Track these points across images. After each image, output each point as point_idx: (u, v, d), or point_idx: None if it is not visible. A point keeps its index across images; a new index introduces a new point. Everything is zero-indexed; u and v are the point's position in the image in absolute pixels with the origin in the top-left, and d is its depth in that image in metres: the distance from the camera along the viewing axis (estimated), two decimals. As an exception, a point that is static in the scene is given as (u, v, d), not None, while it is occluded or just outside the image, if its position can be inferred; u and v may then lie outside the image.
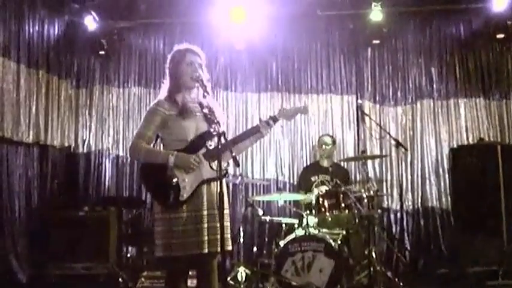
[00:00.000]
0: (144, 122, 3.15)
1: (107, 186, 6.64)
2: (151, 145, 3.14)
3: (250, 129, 3.23)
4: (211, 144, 3.10)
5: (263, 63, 6.81)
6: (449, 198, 6.36)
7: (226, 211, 3.14)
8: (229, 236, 3.11)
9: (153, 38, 6.91)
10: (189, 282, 3.59)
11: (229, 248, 3.08)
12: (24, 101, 5.84)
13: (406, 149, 5.91)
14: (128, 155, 6.49)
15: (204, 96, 3.09)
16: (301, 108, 3.36)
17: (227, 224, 3.13)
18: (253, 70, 6.81)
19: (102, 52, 6.62)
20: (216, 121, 2.89)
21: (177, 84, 3.18)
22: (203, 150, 3.08)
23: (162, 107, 3.11)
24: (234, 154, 2.88)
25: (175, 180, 3.00)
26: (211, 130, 3.02)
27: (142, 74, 6.86)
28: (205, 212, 3.03)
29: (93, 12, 6.36)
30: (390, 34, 6.65)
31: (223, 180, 3.13)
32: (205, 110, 3.04)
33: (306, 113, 3.34)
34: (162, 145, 3.20)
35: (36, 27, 6.12)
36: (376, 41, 6.58)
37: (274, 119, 3.21)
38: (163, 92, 3.22)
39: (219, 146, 2.87)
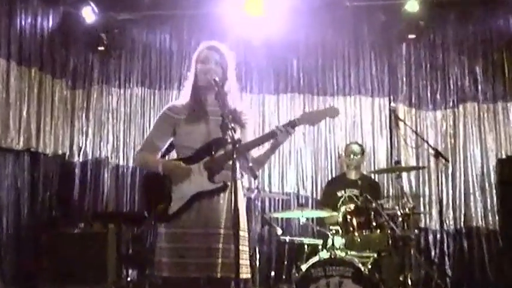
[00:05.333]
0: (152, 128, 3.28)
1: (105, 200, 6.66)
2: (159, 154, 3.21)
3: (265, 135, 3.14)
4: (223, 152, 3.06)
5: (283, 61, 6.81)
6: (496, 217, 6.29)
7: (244, 233, 3.09)
8: (247, 262, 3.08)
9: (159, 32, 6.95)
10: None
11: (247, 276, 3.05)
12: (14, 102, 5.90)
13: (446, 160, 5.83)
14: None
15: (217, 98, 3.05)
16: (329, 109, 3.17)
17: (245, 248, 3.08)
18: (271, 69, 6.82)
19: (101, 48, 6.67)
20: (231, 127, 2.85)
21: (194, 85, 3.22)
22: (208, 158, 3.07)
23: (171, 111, 3.17)
24: (250, 164, 2.84)
25: (167, 191, 3.06)
26: (225, 137, 2.98)
27: (146, 73, 6.90)
28: (222, 231, 3.00)
29: (91, 3, 6.40)
30: (428, 27, 6.60)
31: (243, 196, 3.16)
32: (225, 114, 2.97)
33: (336, 115, 3.11)
34: (176, 153, 3.26)
35: (29, 20, 6.19)
36: (412, 36, 6.55)
37: (293, 124, 3.03)
38: (183, 94, 3.28)
39: (234, 156, 2.81)
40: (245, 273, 3.03)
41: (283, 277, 5.19)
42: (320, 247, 4.98)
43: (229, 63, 3.23)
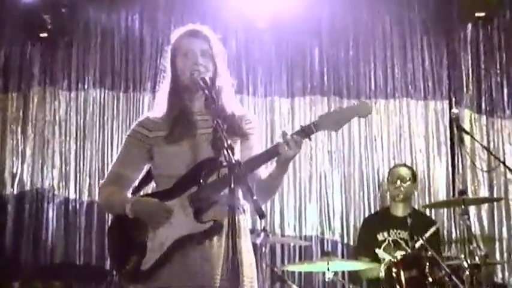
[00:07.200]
0: (119, 153, 3.32)
1: (49, 248, 6.64)
2: (131, 188, 3.25)
3: (266, 152, 3.08)
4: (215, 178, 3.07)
5: (299, 51, 6.86)
6: None
7: None
8: None
9: (125, 12, 7.02)
10: None
11: None
12: None
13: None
14: None
15: (207, 104, 3.05)
16: (358, 106, 3.15)
17: None
18: (283, 62, 6.86)
19: (44, 34, 6.70)
20: (227, 144, 2.84)
21: (175, 87, 3.24)
22: (194, 189, 3.06)
23: (144, 127, 3.21)
24: (255, 197, 2.82)
25: (142, 238, 3.06)
26: (219, 158, 2.98)
27: (107, 69, 6.94)
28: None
29: (30, -28, 6.47)
30: (501, 2, 6.64)
31: (248, 239, 3.17)
32: (218, 125, 2.96)
33: (367, 114, 3.11)
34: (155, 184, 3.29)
35: None
36: (480, 14, 6.59)
37: (308, 131, 2.99)
38: (158, 102, 3.32)
39: (232, 184, 2.79)
40: None
41: None
42: (355, 313, 5.00)
43: (220, 52, 3.27)
